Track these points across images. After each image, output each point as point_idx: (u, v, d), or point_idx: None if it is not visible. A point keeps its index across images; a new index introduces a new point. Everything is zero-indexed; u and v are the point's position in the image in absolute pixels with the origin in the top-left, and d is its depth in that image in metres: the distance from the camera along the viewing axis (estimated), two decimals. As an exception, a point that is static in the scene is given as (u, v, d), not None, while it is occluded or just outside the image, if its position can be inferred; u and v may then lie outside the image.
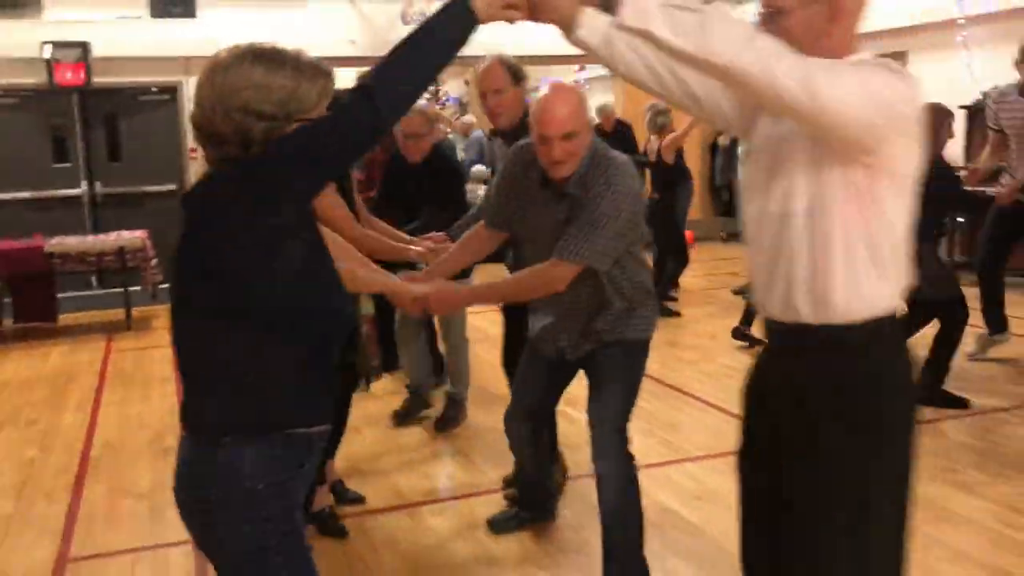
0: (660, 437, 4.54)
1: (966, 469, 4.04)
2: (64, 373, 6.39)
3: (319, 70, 1.74)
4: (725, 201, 12.14)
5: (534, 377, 3.17)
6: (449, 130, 12.09)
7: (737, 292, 8.23)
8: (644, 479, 3.04)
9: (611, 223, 2.69)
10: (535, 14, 1.79)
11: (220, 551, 1.73)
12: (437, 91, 14.16)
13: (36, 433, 5.06)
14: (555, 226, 2.79)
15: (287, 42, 1.80)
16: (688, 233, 8.58)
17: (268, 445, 1.71)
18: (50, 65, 9.10)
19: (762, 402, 1.99)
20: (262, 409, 1.71)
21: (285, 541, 1.74)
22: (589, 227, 2.68)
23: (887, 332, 1.82)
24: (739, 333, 6.31)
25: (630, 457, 2.96)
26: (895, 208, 1.76)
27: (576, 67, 13.51)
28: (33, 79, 9.20)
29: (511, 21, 1.77)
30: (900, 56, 9.29)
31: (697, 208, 10.56)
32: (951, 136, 4.94)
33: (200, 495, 1.71)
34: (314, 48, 1.93)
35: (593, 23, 1.79)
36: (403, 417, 4.96)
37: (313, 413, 1.79)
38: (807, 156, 1.76)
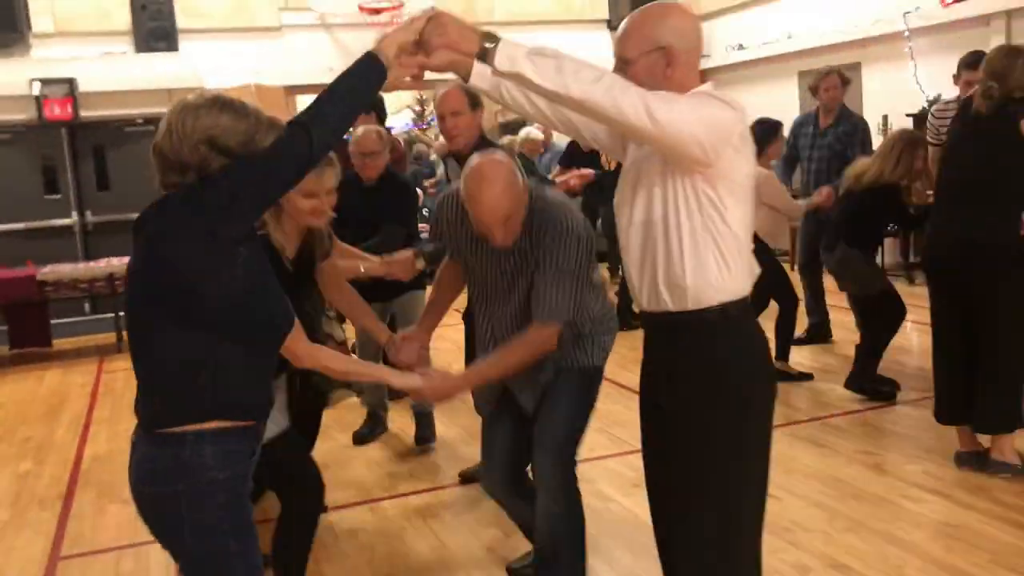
0: (608, 433, 4.89)
1: (882, 452, 4.42)
2: (58, 394, 6.76)
3: (274, 125, 2.03)
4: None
5: (501, 437, 3.07)
6: (432, 150, 12.46)
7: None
8: (588, 470, 3.25)
9: (573, 276, 2.71)
10: (436, 68, 2.13)
11: (180, 540, 1.99)
12: (422, 112, 14.52)
13: (31, 448, 5.43)
14: (502, 275, 2.84)
15: (267, 70, 2.12)
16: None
17: (224, 439, 1.99)
18: (39, 101, 9.48)
19: (647, 380, 2.32)
20: (217, 407, 1.98)
21: (238, 525, 2.02)
22: (556, 286, 2.69)
23: (735, 314, 2.15)
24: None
25: (573, 492, 2.91)
26: (734, 210, 2.10)
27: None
28: (23, 115, 9.60)
29: (417, 77, 2.11)
30: (854, 68, 9.69)
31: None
32: (921, 166, 5.12)
33: (166, 489, 1.95)
34: (293, 75, 2.29)
35: (482, 71, 2.14)
36: (362, 438, 5.09)
37: (260, 406, 2.08)
38: (660, 172, 2.11)
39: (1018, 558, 3.28)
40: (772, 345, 5.50)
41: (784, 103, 10.63)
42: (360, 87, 2.00)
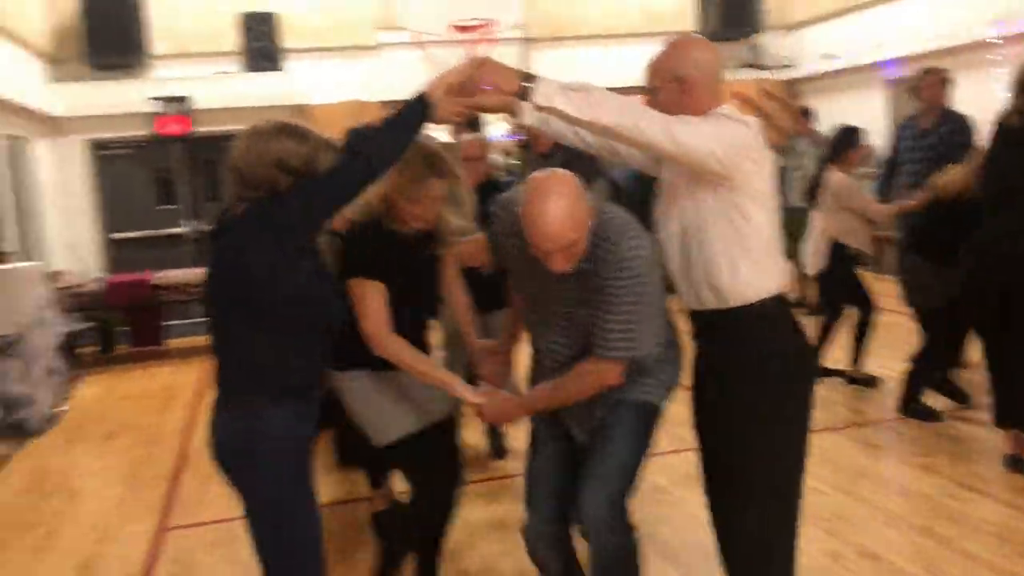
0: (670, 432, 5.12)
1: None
2: (169, 388, 7.36)
3: (330, 145, 2.40)
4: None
5: (549, 472, 2.77)
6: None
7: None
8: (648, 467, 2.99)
9: (641, 306, 2.46)
10: (488, 109, 2.48)
11: (258, 499, 2.37)
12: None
13: (145, 436, 6.00)
14: (558, 300, 2.60)
15: (365, 88, 2.50)
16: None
17: (291, 409, 2.37)
18: (155, 118, 10.25)
19: (696, 373, 2.59)
20: (284, 382, 2.36)
21: (300, 482, 2.39)
22: (620, 319, 2.45)
23: (772, 308, 2.39)
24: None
25: (627, 529, 2.63)
26: (758, 216, 2.35)
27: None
28: (142, 131, 10.37)
29: (463, 115, 2.44)
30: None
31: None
32: None
33: (244, 451, 2.32)
34: (391, 91, 2.67)
35: (528, 108, 2.44)
36: None
37: (315, 383, 2.45)
38: (688, 186, 2.40)
39: (1046, 552, 3.43)
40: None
41: (872, 113, 10.65)
42: (411, 120, 2.35)
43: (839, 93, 11.60)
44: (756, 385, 2.39)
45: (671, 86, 2.41)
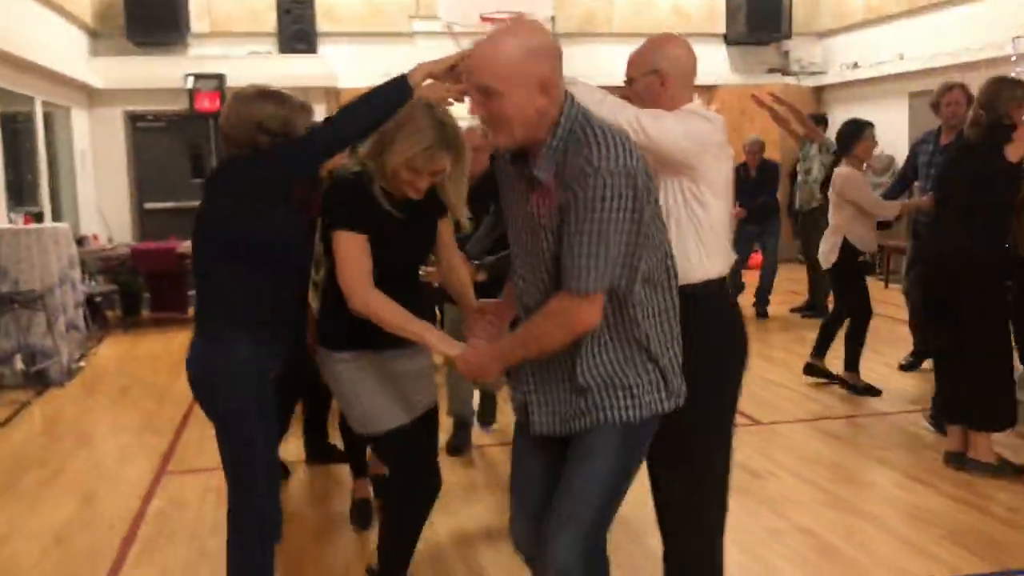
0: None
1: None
2: (184, 350, 7.68)
3: (304, 107, 2.74)
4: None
5: (530, 473, 2.43)
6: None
7: (795, 311, 8.92)
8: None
9: (614, 233, 2.04)
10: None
11: (217, 412, 2.71)
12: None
13: (155, 392, 6.37)
14: (525, 222, 2.21)
15: (397, 72, 2.58)
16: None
17: (256, 338, 2.66)
18: (191, 94, 10.63)
19: None
20: (246, 315, 2.66)
21: (261, 406, 2.69)
22: (584, 242, 2.03)
23: (714, 290, 2.63)
24: (811, 368, 6.21)
25: (599, 569, 2.30)
26: (714, 205, 2.59)
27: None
28: (177, 106, 10.76)
29: (458, 98, 2.63)
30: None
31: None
32: None
33: (210, 371, 2.68)
34: None
35: None
36: (456, 449, 4.85)
37: (280, 321, 2.74)
38: (655, 174, 2.63)
39: (970, 537, 3.65)
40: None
41: (894, 123, 10.78)
42: (386, 99, 2.60)
43: (863, 102, 11.72)
44: (694, 355, 2.51)
45: (648, 78, 2.65)
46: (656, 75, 2.63)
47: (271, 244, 2.66)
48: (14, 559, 3.71)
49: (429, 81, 2.60)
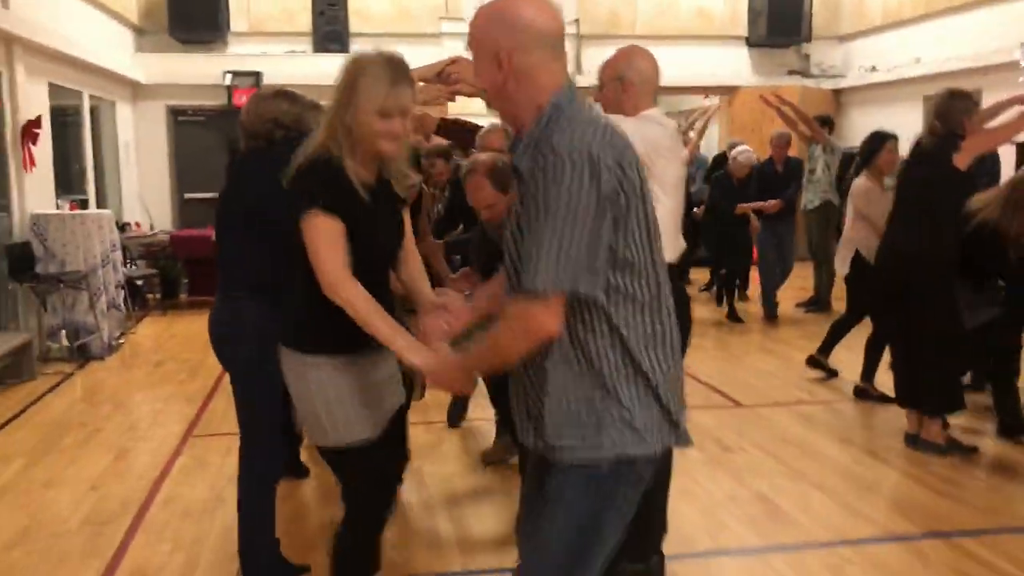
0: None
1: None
2: (217, 332, 8.24)
3: (316, 105, 3.12)
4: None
5: (528, 483, 2.17)
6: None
7: (800, 306, 9.24)
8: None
9: (571, 224, 1.75)
10: (466, 94, 2.90)
11: (233, 366, 3.16)
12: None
13: (188, 366, 6.91)
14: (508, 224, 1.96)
15: None
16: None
17: (267, 301, 3.04)
18: (230, 90, 11.18)
19: None
20: (262, 283, 3.05)
21: (267, 364, 2.95)
22: (536, 235, 1.76)
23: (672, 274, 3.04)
24: (814, 361, 6.36)
25: None
26: (665, 202, 2.98)
27: (702, 96, 14.47)
28: (216, 101, 11.32)
29: (448, 99, 2.96)
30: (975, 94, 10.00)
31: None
32: None
33: (229, 329, 3.12)
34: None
35: None
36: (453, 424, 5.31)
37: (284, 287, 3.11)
38: None
39: (907, 504, 4.03)
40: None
41: (910, 126, 10.97)
42: None
43: (879, 105, 11.98)
44: None
45: (613, 84, 3.06)
46: (620, 81, 3.03)
47: (286, 221, 3.06)
48: (56, 502, 4.21)
49: (420, 84, 2.91)
